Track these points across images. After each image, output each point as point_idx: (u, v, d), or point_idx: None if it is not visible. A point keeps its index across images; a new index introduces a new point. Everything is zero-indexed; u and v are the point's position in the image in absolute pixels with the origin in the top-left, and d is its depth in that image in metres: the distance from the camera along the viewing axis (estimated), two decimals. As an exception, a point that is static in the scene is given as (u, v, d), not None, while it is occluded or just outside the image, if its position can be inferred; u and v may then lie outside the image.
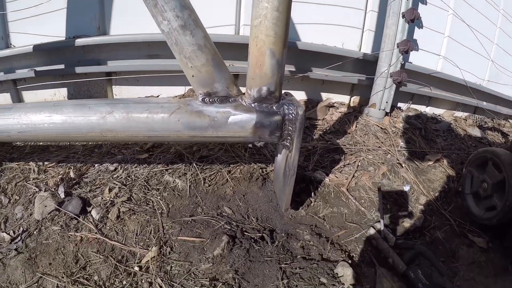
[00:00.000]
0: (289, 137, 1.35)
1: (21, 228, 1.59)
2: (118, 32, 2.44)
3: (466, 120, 3.20)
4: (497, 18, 3.16)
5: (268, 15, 1.16)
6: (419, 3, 2.61)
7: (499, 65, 3.31)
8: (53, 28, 2.47)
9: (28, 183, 1.82)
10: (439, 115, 3.01)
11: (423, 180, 2.06)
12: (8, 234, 1.57)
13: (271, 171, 1.80)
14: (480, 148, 1.92)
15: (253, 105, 1.29)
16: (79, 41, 2.29)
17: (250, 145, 1.54)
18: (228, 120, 1.28)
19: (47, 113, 1.40)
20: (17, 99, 2.72)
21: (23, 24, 2.56)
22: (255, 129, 1.30)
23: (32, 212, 1.64)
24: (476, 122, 3.24)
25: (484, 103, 3.32)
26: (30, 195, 1.74)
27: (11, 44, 2.66)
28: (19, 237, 1.56)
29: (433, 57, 2.86)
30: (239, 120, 1.29)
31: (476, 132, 2.94)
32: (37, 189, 1.76)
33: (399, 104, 2.88)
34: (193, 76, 1.26)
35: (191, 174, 1.76)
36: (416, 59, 2.73)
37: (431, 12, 2.66)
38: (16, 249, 1.50)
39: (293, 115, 1.30)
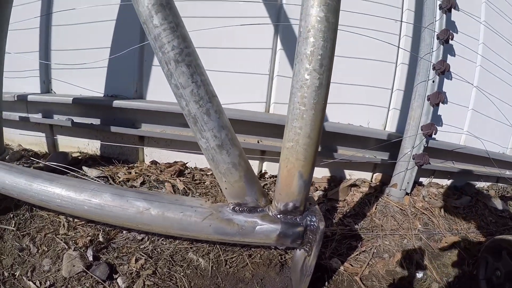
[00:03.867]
0: (309, 244, 1.51)
1: (48, 282, 1.74)
2: (154, 97, 2.70)
3: (489, 191, 3.27)
4: None
5: (300, 140, 1.33)
6: (445, 79, 2.75)
7: None
8: (93, 83, 2.75)
9: (58, 237, 1.99)
10: (461, 188, 3.10)
11: (438, 265, 2.14)
12: (35, 283, 1.73)
13: (289, 258, 1.95)
14: (495, 236, 2.00)
15: (278, 216, 1.47)
16: (116, 103, 2.53)
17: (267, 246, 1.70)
18: (255, 229, 1.46)
19: (87, 196, 1.61)
20: (52, 141, 2.98)
21: (65, 73, 2.85)
22: (279, 238, 1.47)
23: (60, 268, 1.80)
24: (498, 192, 3.30)
25: (507, 172, 3.39)
26: (59, 250, 1.91)
27: (51, 89, 2.94)
28: None
29: (457, 131, 2.98)
30: (264, 230, 1.46)
31: (498, 204, 2.99)
32: (66, 246, 1.93)
33: (421, 179, 2.99)
34: (226, 188, 1.44)
35: (214, 255, 1.93)
36: (440, 135, 2.85)
37: (455, 87, 2.80)
38: None
39: (314, 226, 1.47)
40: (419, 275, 2.05)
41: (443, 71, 2.48)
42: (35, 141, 3.09)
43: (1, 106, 2.30)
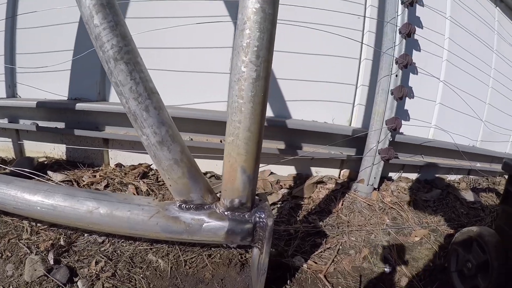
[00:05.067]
0: (260, 241, 1.48)
1: (11, 286, 1.69)
2: (117, 99, 2.61)
3: (460, 184, 3.28)
4: (489, 79, 3.30)
5: (240, 134, 1.29)
6: (410, 73, 2.75)
7: (492, 124, 3.43)
8: (57, 86, 2.70)
9: (20, 242, 1.94)
10: (432, 181, 3.10)
11: (407, 260, 2.12)
12: None
13: (250, 257, 1.92)
14: (465, 228, 1.97)
15: (226, 213, 1.43)
16: (79, 106, 2.49)
17: (224, 245, 1.67)
18: (202, 226, 1.42)
19: (40, 197, 1.57)
20: (18, 147, 2.93)
21: (30, 77, 2.81)
22: (227, 236, 1.44)
23: (22, 272, 1.75)
24: (469, 184, 3.32)
25: (478, 164, 3.42)
26: (22, 255, 1.86)
27: (17, 94, 2.89)
28: None
29: (425, 125, 2.98)
30: (212, 227, 1.43)
31: (470, 196, 3.00)
32: (28, 251, 1.88)
33: (390, 174, 2.99)
34: (170, 185, 1.41)
35: (173, 255, 1.89)
36: (408, 129, 2.86)
37: (422, 81, 2.81)
38: None
39: (263, 223, 1.44)
40: (388, 269, 2.02)
41: (405, 64, 2.49)
42: (2, 147, 3.02)
43: None
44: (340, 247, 2.12)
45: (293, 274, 1.90)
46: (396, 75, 2.51)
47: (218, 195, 1.53)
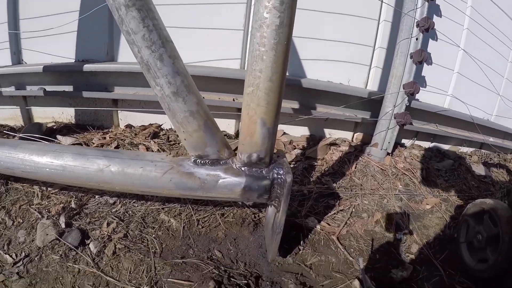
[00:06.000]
0: (277, 199, 1.41)
1: (23, 253, 1.69)
2: (126, 59, 2.54)
3: (472, 157, 3.19)
4: (508, 53, 3.13)
5: (261, 84, 1.20)
6: (430, 39, 2.61)
7: (509, 100, 3.29)
8: (64, 49, 2.59)
9: (32, 208, 1.92)
10: (444, 151, 3.01)
11: (418, 227, 2.07)
12: (11, 256, 1.67)
13: (263, 216, 1.87)
14: (477, 200, 1.92)
15: (243, 168, 1.36)
16: (87, 67, 2.39)
17: (239, 203, 1.60)
18: (218, 183, 1.35)
19: (49, 158, 1.50)
20: (27, 114, 2.85)
21: (35, 42, 2.68)
22: (244, 192, 1.37)
23: (34, 238, 1.74)
24: (481, 158, 3.22)
25: (491, 138, 3.30)
26: (33, 220, 1.85)
27: (22, 60, 2.78)
28: (21, 262, 1.66)
29: (441, 94, 2.85)
30: (228, 184, 1.36)
31: (481, 170, 2.92)
32: (39, 216, 1.87)
33: (403, 141, 2.89)
34: (185, 139, 1.33)
35: (186, 215, 1.85)
36: (424, 96, 2.73)
37: (441, 48, 2.66)
38: (18, 273, 1.60)
39: (281, 179, 1.37)
40: (399, 236, 1.97)
41: (427, 28, 2.34)
42: (10, 115, 2.95)
43: None
44: (353, 210, 2.07)
45: (306, 235, 1.85)
46: (417, 39, 2.37)
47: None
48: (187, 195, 1.40)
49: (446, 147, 3.10)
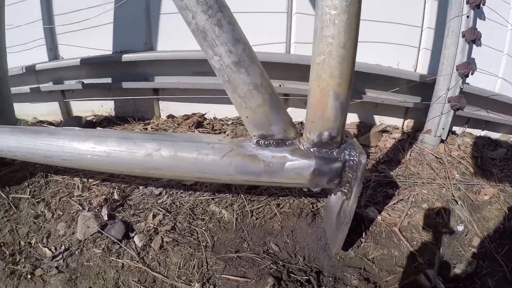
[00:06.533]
0: (347, 184, 1.21)
1: (63, 246, 1.58)
2: (165, 48, 2.40)
3: (526, 146, 2.88)
4: None
5: (333, 52, 1.02)
6: (477, 18, 2.34)
7: None
8: (100, 41, 2.47)
9: (72, 200, 1.81)
10: (496, 140, 2.72)
11: (478, 219, 1.85)
12: (50, 250, 1.58)
13: (322, 206, 1.67)
14: None
15: (311, 150, 1.16)
16: (126, 57, 2.27)
17: (305, 189, 1.40)
18: (285, 166, 1.16)
19: (91, 144, 1.34)
20: (65, 108, 2.76)
21: (71, 36, 2.59)
22: (313, 176, 1.17)
23: (75, 231, 1.63)
24: (536, 148, 2.91)
25: (545, 125, 2.97)
26: (74, 212, 1.73)
27: (59, 55, 2.69)
28: (61, 255, 1.55)
29: (491, 78, 2.58)
30: (296, 167, 1.16)
31: (536, 161, 2.62)
32: (80, 208, 1.75)
33: (454, 128, 2.63)
34: (247, 117, 1.14)
35: (238, 206, 1.67)
36: (473, 80, 2.47)
37: (489, 29, 2.40)
38: (57, 267, 1.49)
39: (354, 162, 1.17)
40: (460, 227, 1.76)
41: (478, 4, 2.10)
42: (49, 111, 2.86)
43: (8, 80, 2.06)
44: (413, 200, 1.86)
45: (368, 226, 1.66)
46: (468, 16, 2.13)
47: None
48: (249, 181, 1.21)
49: (497, 135, 2.81)
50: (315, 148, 1.16)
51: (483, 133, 2.75)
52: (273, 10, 2.24)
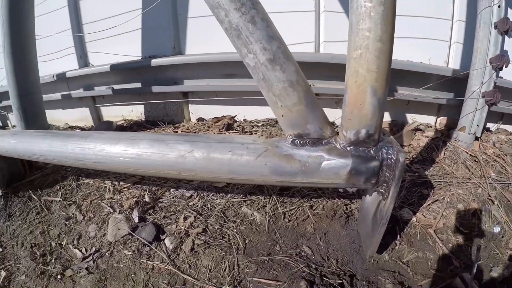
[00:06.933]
0: (385, 184, 1.14)
1: (94, 248, 1.59)
2: (193, 51, 2.40)
3: (562, 141, 2.69)
4: None
5: (370, 46, 0.97)
6: (509, 8, 2.20)
7: None
8: (129, 47, 2.50)
9: (103, 202, 1.82)
10: (532, 135, 2.55)
11: None
12: (80, 251, 1.59)
13: (356, 208, 1.59)
14: None
15: (348, 148, 1.10)
16: (155, 61, 2.28)
17: (340, 190, 1.33)
18: (321, 165, 1.10)
19: (123, 147, 1.34)
20: (96, 114, 2.79)
21: (100, 44, 2.64)
22: (350, 176, 1.11)
23: (105, 233, 1.63)
24: None
25: None
26: (105, 215, 1.74)
27: (89, 62, 2.73)
28: (91, 257, 1.56)
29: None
30: (333, 166, 1.10)
31: None
32: (111, 210, 1.75)
33: (488, 125, 2.48)
34: (283, 116, 1.09)
35: (270, 208, 1.62)
36: (506, 73, 2.32)
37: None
38: (87, 268, 1.50)
39: (392, 160, 1.09)
40: (497, 229, 1.64)
41: (510, -9, 1.97)
42: (80, 117, 2.92)
43: (39, 84, 2.12)
44: (448, 200, 1.75)
45: (402, 228, 1.57)
46: (499, 6, 1.99)
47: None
48: (285, 182, 1.15)
49: (533, 130, 2.63)
50: (352, 147, 1.09)
51: (518, 129, 2.58)
52: (301, 9, 2.20)
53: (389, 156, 1.10)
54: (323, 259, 1.42)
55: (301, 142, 1.11)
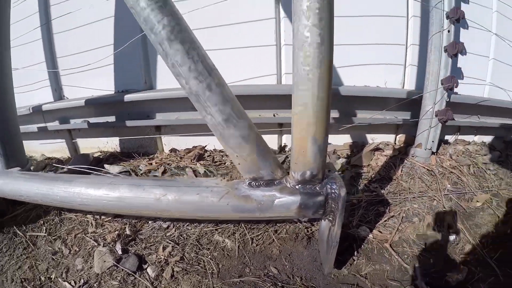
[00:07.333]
0: (332, 213, 1.42)
1: (82, 280, 1.77)
2: (164, 86, 2.64)
3: (520, 145, 3.04)
4: None
5: (309, 103, 1.23)
6: (461, 28, 2.54)
7: None
8: (102, 82, 2.73)
9: (87, 236, 2.02)
10: (489, 143, 2.90)
11: (470, 226, 2.01)
12: (70, 283, 1.77)
13: (316, 229, 1.87)
14: None
15: (297, 187, 1.39)
16: (127, 97, 2.51)
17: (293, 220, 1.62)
18: (274, 203, 1.39)
19: (105, 191, 1.59)
20: (72, 145, 3.00)
21: (74, 77, 2.85)
22: (300, 210, 1.40)
23: (92, 265, 1.83)
24: (530, 146, 3.06)
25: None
26: (90, 248, 1.94)
27: (64, 96, 2.94)
28: None
29: (479, 83, 2.77)
30: (284, 203, 1.39)
31: (531, 159, 2.78)
32: (95, 243, 1.96)
33: (446, 137, 2.82)
34: (239, 164, 1.37)
35: (240, 234, 1.89)
36: (462, 88, 2.66)
37: (473, 36, 2.59)
38: None
39: (335, 194, 1.38)
40: (452, 237, 1.93)
41: (457, 18, 2.28)
42: (57, 148, 3.12)
43: (17, 120, 2.29)
44: (404, 215, 2.04)
45: (359, 244, 1.85)
46: (449, 31, 2.31)
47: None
48: (245, 217, 1.45)
49: (490, 138, 2.98)
50: (300, 185, 1.38)
51: (476, 138, 2.92)
52: (262, 43, 2.47)
53: (333, 191, 1.39)
54: (289, 277, 1.68)
55: (256, 184, 1.39)
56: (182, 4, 2.34)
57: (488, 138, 2.96)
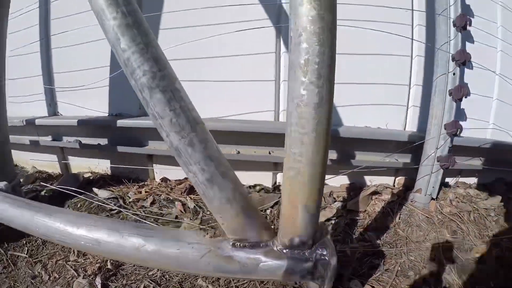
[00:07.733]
0: (321, 278, 1.31)
1: None
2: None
3: (522, 187, 2.92)
4: None
5: (302, 169, 1.11)
6: (466, 69, 2.43)
7: None
8: (97, 103, 2.65)
9: (68, 264, 1.94)
10: (490, 187, 2.78)
11: (468, 281, 1.87)
12: None
13: (305, 283, 1.76)
14: None
15: (284, 251, 1.28)
16: (120, 122, 2.42)
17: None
18: (258, 266, 1.27)
19: (84, 232, 1.47)
20: (64, 164, 2.91)
21: (69, 95, 2.78)
22: (286, 275, 1.28)
23: None
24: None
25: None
26: (69, 277, 1.85)
27: (58, 112, 2.87)
28: None
29: (482, 124, 2.66)
30: (269, 267, 1.27)
31: (535, 203, 2.66)
32: (75, 274, 1.87)
33: (447, 179, 2.70)
34: (223, 224, 1.26)
35: (224, 281, 1.77)
36: (465, 130, 2.55)
37: (477, 76, 2.48)
38: None
39: (325, 261, 1.27)
40: None
41: (463, 61, 2.18)
42: (48, 163, 3.04)
43: (7, 132, 2.21)
44: (399, 268, 1.92)
45: (350, 301, 1.72)
46: (454, 74, 2.22)
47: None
48: (227, 277, 1.33)
49: (492, 179, 2.86)
50: (287, 250, 1.27)
51: (477, 180, 2.81)
52: (261, 78, 2.39)
53: (323, 258, 1.27)
54: (274, 331, 1.59)
55: (241, 245, 1.28)
56: (185, 31, 2.28)
57: (489, 179, 2.84)
